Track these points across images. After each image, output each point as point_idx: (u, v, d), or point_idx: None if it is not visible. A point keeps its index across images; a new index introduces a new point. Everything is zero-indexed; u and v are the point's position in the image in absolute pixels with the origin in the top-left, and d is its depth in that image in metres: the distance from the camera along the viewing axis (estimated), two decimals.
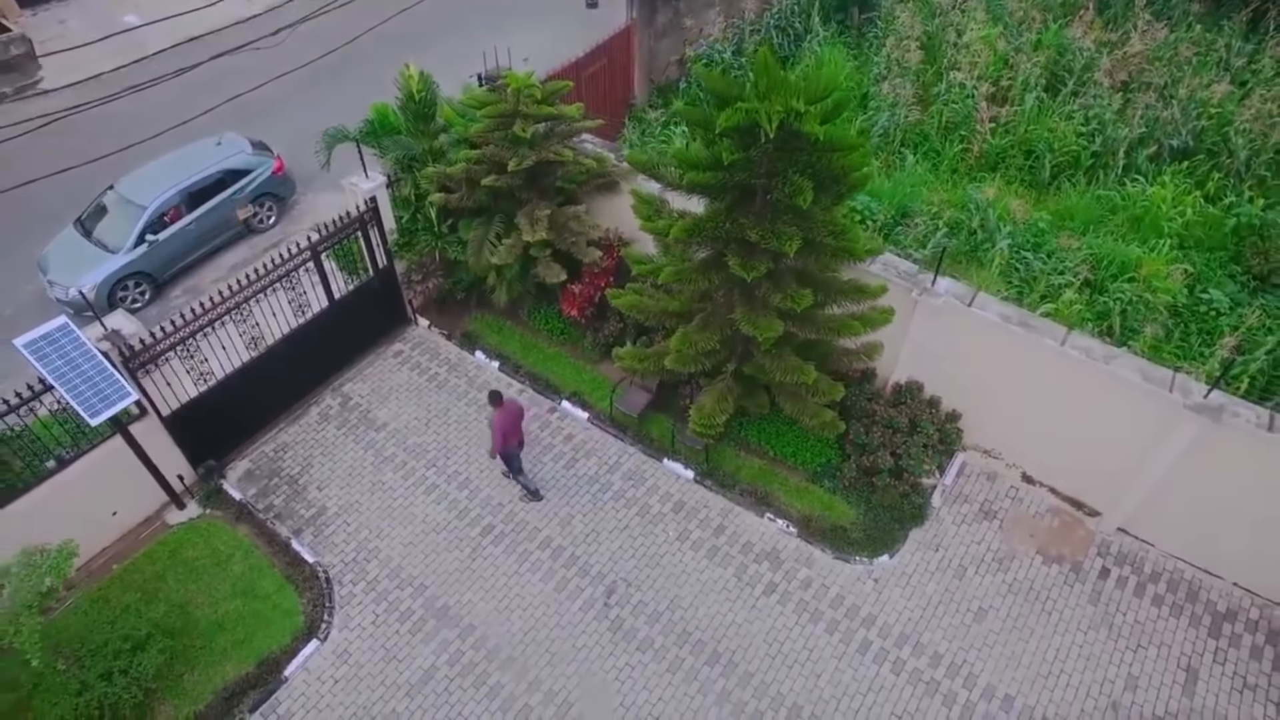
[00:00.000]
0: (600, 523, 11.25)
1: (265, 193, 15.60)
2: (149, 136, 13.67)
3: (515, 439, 10.94)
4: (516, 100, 11.01)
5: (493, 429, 10.59)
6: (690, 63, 16.34)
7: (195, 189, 14.68)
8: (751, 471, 11.67)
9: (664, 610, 10.42)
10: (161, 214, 14.34)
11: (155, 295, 14.62)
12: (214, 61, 13.15)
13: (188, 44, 20.33)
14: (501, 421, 10.51)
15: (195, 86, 14.02)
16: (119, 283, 14.02)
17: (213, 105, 13.50)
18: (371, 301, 13.05)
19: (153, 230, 14.22)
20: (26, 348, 9.38)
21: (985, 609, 10.25)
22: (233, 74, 14.62)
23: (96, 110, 12.27)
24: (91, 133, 14.23)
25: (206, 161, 14.90)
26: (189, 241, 14.80)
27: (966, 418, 11.51)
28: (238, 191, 15.16)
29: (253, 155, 15.38)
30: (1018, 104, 15.86)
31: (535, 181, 11.70)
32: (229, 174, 15.08)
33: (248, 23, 15.46)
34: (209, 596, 10.63)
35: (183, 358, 10.86)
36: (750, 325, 8.69)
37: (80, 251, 14.18)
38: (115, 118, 13.69)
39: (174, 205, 14.48)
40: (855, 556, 10.83)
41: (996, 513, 11.20)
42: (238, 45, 11.31)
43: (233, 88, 14.49)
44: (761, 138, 7.77)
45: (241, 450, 12.21)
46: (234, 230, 15.48)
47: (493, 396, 10.50)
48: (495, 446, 10.74)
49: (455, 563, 10.90)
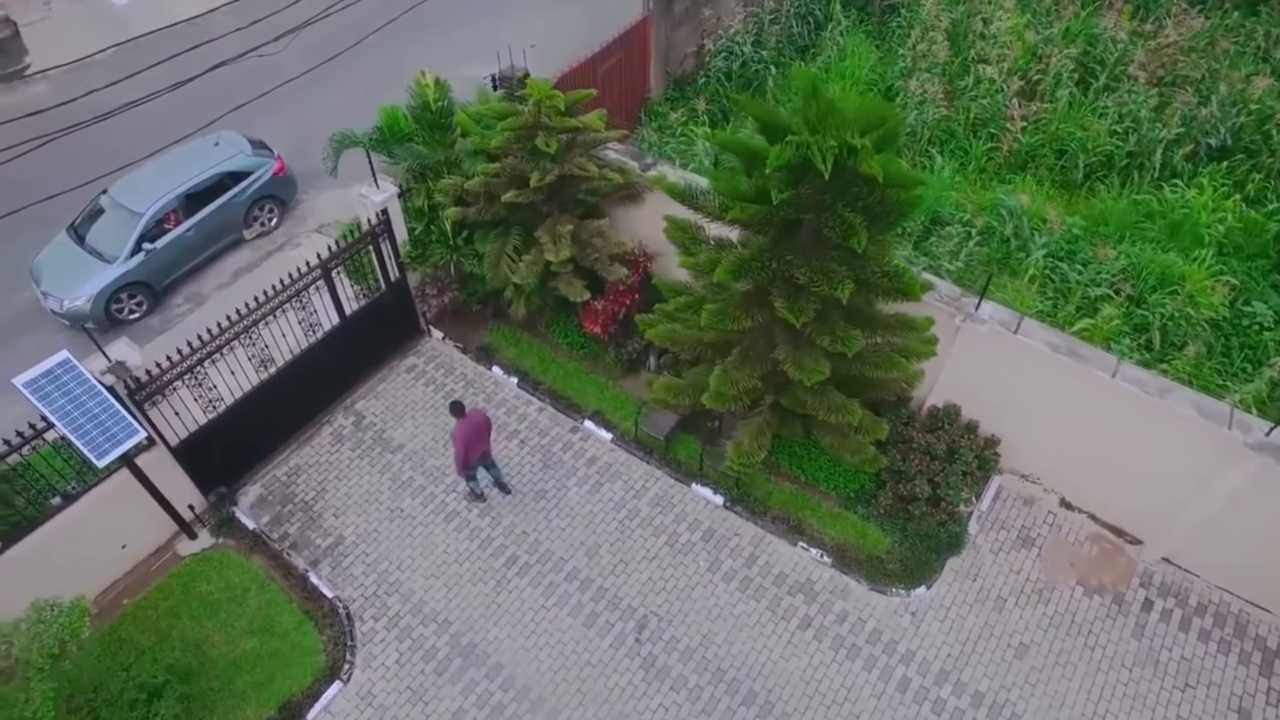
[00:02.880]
0: (629, 552, 10.90)
1: (266, 195, 14.92)
2: (148, 153, 13.07)
3: (478, 451, 10.56)
4: (538, 112, 10.40)
5: (454, 441, 10.22)
6: (709, 56, 15.64)
7: (193, 193, 13.99)
8: (783, 497, 11.31)
9: (697, 646, 10.12)
10: (159, 220, 13.69)
11: (154, 305, 14.03)
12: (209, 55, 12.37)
13: (181, 25, 19.69)
14: (463, 433, 10.14)
15: (193, 87, 13.25)
16: (115, 294, 13.41)
17: (219, 114, 12.79)
18: (383, 315, 12.52)
19: (149, 238, 13.57)
20: (27, 387, 8.86)
21: (1026, 644, 9.99)
22: (233, 74, 13.89)
23: (93, 111, 11.54)
24: (89, 134, 13.49)
25: (205, 163, 14.18)
26: (188, 248, 14.14)
27: (1005, 441, 11.14)
28: (238, 194, 14.49)
29: (252, 156, 14.67)
30: (1048, 100, 15.29)
31: (556, 195, 11.14)
32: (228, 176, 14.37)
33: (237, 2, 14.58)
34: (225, 634, 10.26)
35: (190, 386, 10.36)
36: (795, 367, 8.25)
37: (74, 261, 13.53)
38: (113, 122, 12.92)
39: (171, 211, 13.82)
40: (892, 588, 10.53)
41: (1035, 540, 10.90)
42: (242, 52, 10.62)
43: (229, 87, 13.72)
44: (812, 173, 7.25)
45: (252, 475, 11.76)
46: (235, 235, 14.85)
47: (454, 407, 10.17)
48: (457, 459, 10.39)
49: (480, 596, 10.55)
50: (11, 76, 17.40)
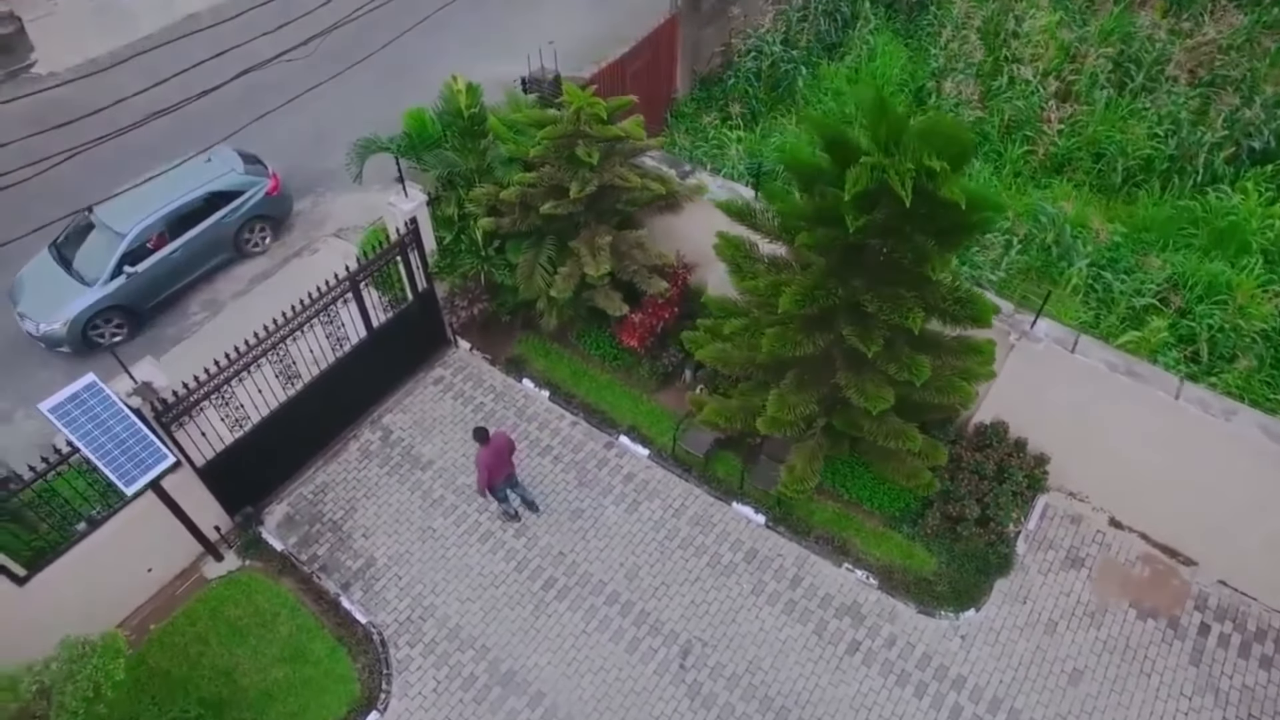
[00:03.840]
0: (670, 574, 10.61)
1: (259, 215, 14.08)
2: (164, 160, 12.57)
3: (501, 475, 10.31)
4: (578, 120, 10.01)
5: (478, 466, 9.97)
6: (738, 55, 15.21)
7: (180, 214, 13.14)
8: (825, 516, 11.02)
9: (743, 673, 9.86)
10: (144, 241, 12.85)
11: (137, 328, 13.18)
12: (215, 55, 11.84)
13: (184, 22, 19.13)
14: (487, 459, 9.89)
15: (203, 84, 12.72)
16: (93, 319, 12.59)
17: (234, 118, 12.26)
18: (410, 326, 12.15)
19: (131, 261, 12.71)
20: (53, 413, 8.49)
21: (1080, 670, 9.75)
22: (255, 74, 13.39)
23: (108, 117, 11.04)
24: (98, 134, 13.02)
25: (194, 182, 13.23)
26: (174, 270, 13.33)
27: (1054, 459, 10.87)
28: (228, 215, 13.65)
29: (244, 175, 13.80)
30: (1084, 101, 14.94)
31: (594, 205, 10.76)
32: (218, 196, 13.51)
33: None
34: (256, 661, 9.95)
35: (217, 405, 9.99)
36: (859, 394, 7.93)
37: (54, 281, 12.74)
38: (123, 122, 12.42)
39: (156, 232, 12.96)
40: (940, 610, 10.27)
41: (1084, 560, 10.65)
42: (270, 58, 10.17)
43: (251, 88, 13.23)
44: (888, 197, 6.91)
45: (278, 493, 11.41)
46: (226, 255, 14.03)
47: (478, 433, 9.89)
48: (481, 484, 10.13)
49: (518, 621, 10.25)
50: (17, 74, 16.84)
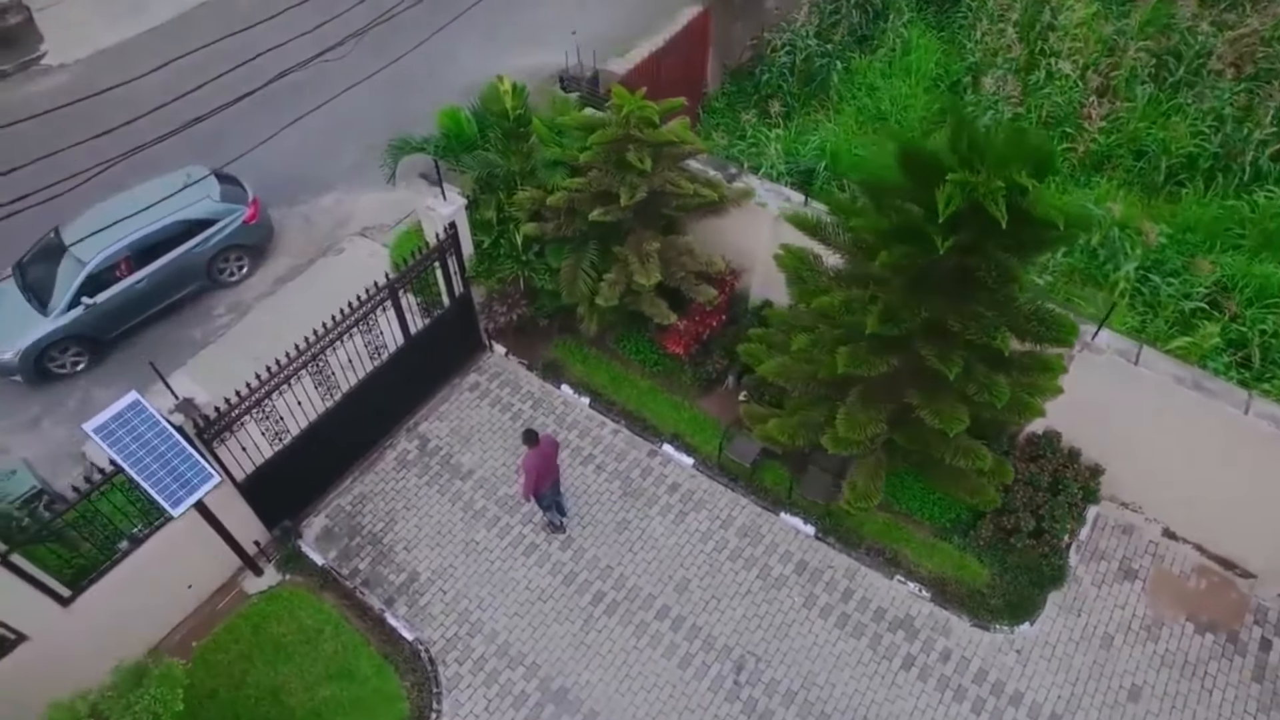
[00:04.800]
0: (720, 587, 10.44)
1: (234, 244, 13.19)
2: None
3: (549, 480, 10.08)
4: (627, 124, 9.70)
5: (525, 471, 9.69)
6: (774, 50, 14.86)
7: (147, 243, 12.27)
8: (875, 527, 10.85)
9: (798, 689, 9.72)
10: (108, 269, 12.06)
11: (99, 357, 12.42)
12: (254, 57, 11.44)
13: (197, 10, 18.60)
14: (535, 463, 9.63)
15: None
16: (48, 349, 11.87)
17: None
18: (446, 332, 11.87)
19: (90, 291, 11.91)
20: (98, 433, 8.23)
21: (1139, 686, 9.64)
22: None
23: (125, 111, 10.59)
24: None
25: (165, 208, 12.06)
26: (138, 300, 12.46)
27: (1109, 470, 10.70)
28: (200, 243, 12.76)
29: (219, 202, 12.86)
30: (1124, 97, 14.66)
31: (642, 210, 10.46)
32: (190, 224, 12.64)
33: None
34: (302, 680, 9.76)
35: (258, 419, 9.73)
36: (933, 415, 7.72)
37: (11, 305, 12.01)
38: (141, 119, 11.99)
39: (120, 260, 12.14)
40: (994, 624, 10.14)
41: (1137, 572, 10.52)
42: (305, 60, 9.81)
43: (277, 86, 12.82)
44: (978, 216, 6.65)
45: (315, 505, 11.18)
46: (199, 284, 13.14)
47: (528, 436, 9.59)
48: (527, 490, 9.90)
49: (567, 637, 10.08)
50: (28, 65, 16.33)
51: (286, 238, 14.66)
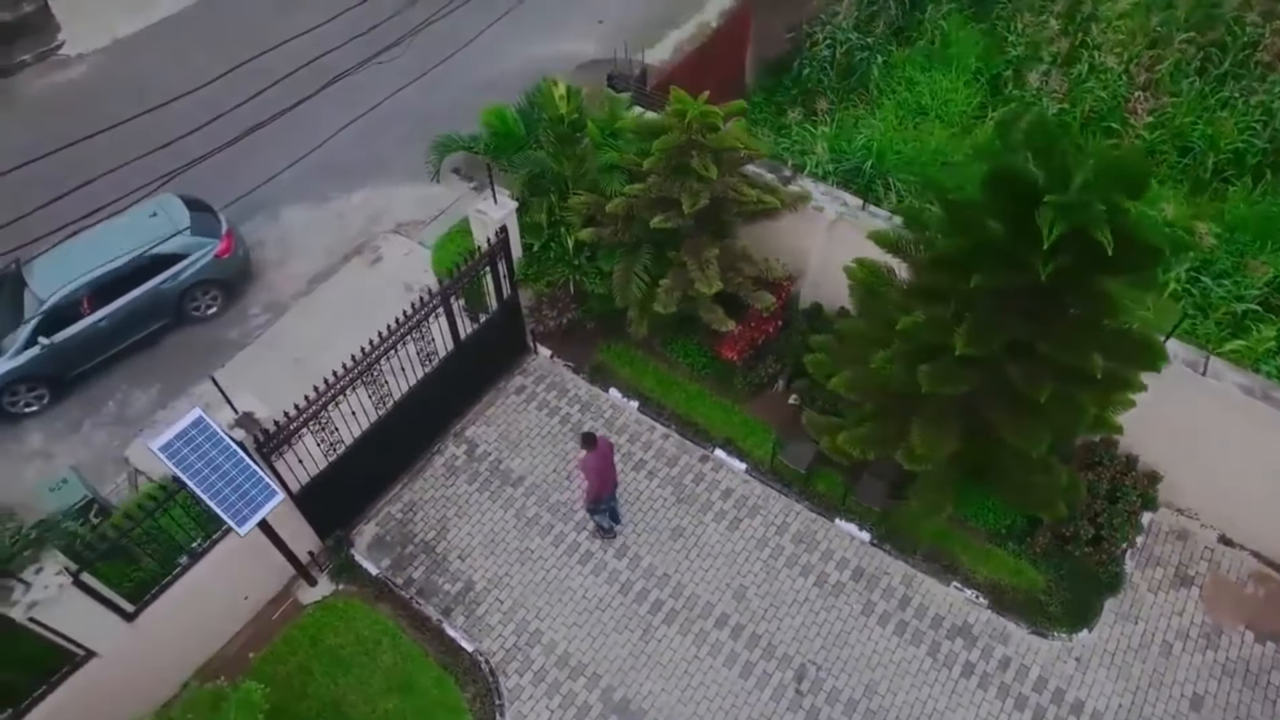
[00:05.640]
0: (777, 595, 10.41)
1: (205, 279, 12.55)
2: None
3: (611, 483, 10.03)
4: (690, 129, 9.50)
5: (586, 473, 9.62)
6: (817, 44, 14.59)
7: (110, 279, 11.69)
8: (930, 532, 10.81)
9: (860, 698, 9.73)
10: (70, 304, 11.52)
11: (61, 393, 11.95)
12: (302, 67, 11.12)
13: None
14: (597, 464, 9.56)
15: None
16: (4, 389, 11.41)
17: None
18: (493, 335, 11.72)
19: (48, 330, 11.39)
20: (164, 451, 8.08)
21: (1201, 695, 9.67)
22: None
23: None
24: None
25: (130, 242, 11.61)
26: (100, 339, 11.93)
27: (1166, 477, 10.68)
28: (167, 280, 12.16)
29: (189, 237, 12.21)
30: (1168, 90, 14.46)
31: (700, 215, 10.28)
32: (158, 259, 12.00)
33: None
34: (362, 692, 9.71)
35: (314, 431, 9.60)
36: (1015, 434, 7.64)
37: None
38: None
39: (81, 298, 11.59)
40: (1053, 631, 10.15)
41: (1194, 578, 10.53)
42: (359, 62, 9.56)
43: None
44: (1079, 240, 6.52)
45: (366, 513, 11.08)
46: (165, 320, 12.52)
47: (586, 439, 9.51)
48: (591, 495, 9.85)
49: (627, 646, 10.05)
50: (45, 55, 15.95)
51: (318, 234, 14.47)
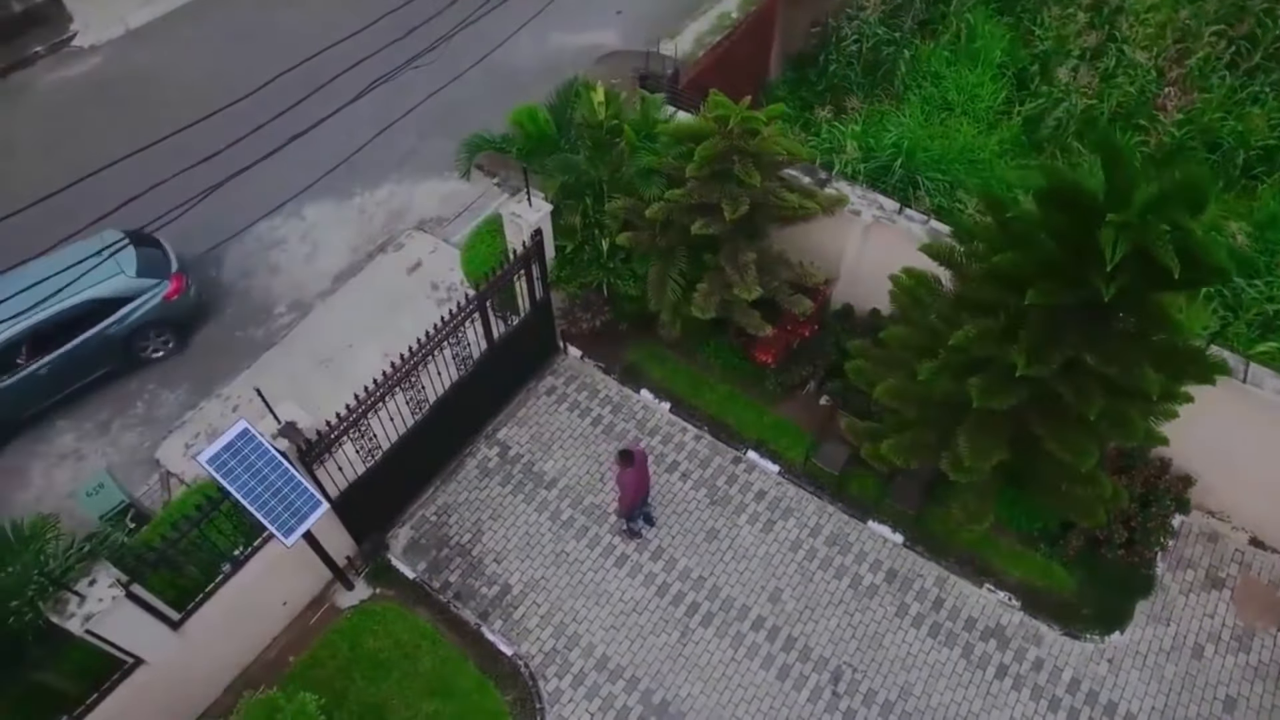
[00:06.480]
0: (812, 597, 10.49)
1: (154, 321, 12.08)
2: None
3: (643, 496, 10.20)
4: (731, 135, 9.42)
5: (623, 488, 9.76)
6: (844, 39, 14.42)
7: (47, 326, 11.14)
8: (963, 534, 10.87)
9: (896, 699, 9.83)
10: (6, 352, 11.05)
11: (8, 438, 11.71)
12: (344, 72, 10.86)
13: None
14: (634, 480, 9.69)
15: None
16: None
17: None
18: (525, 337, 11.70)
19: None
20: (211, 464, 8.07)
21: (1234, 697, 9.79)
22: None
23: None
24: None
25: (72, 286, 10.41)
26: (42, 386, 11.50)
27: (1200, 481, 10.73)
28: (112, 324, 11.67)
29: (135, 279, 11.70)
30: (1197, 85, 14.36)
31: (739, 220, 10.22)
32: (101, 303, 11.49)
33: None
34: (403, 697, 9.78)
35: (354, 439, 9.59)
36: (1061, 448, 7.66)
37: None
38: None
39: (17, 345, 11.10)
40: (1085, 633, 10.25)
41: (1224, 580, 10.62)
42: (399, 66, 9.44)
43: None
44: (1140, 260, 6.51)
45: (400, 517, 11.10)
46: (113, 364, 12.12)
47: (623, 456, 9.60)
48: (625, 505, 10.01)
49: (665, 649, 10.13)
50: (58, 47, 15.73)
51: (342, 231, 14.40)
